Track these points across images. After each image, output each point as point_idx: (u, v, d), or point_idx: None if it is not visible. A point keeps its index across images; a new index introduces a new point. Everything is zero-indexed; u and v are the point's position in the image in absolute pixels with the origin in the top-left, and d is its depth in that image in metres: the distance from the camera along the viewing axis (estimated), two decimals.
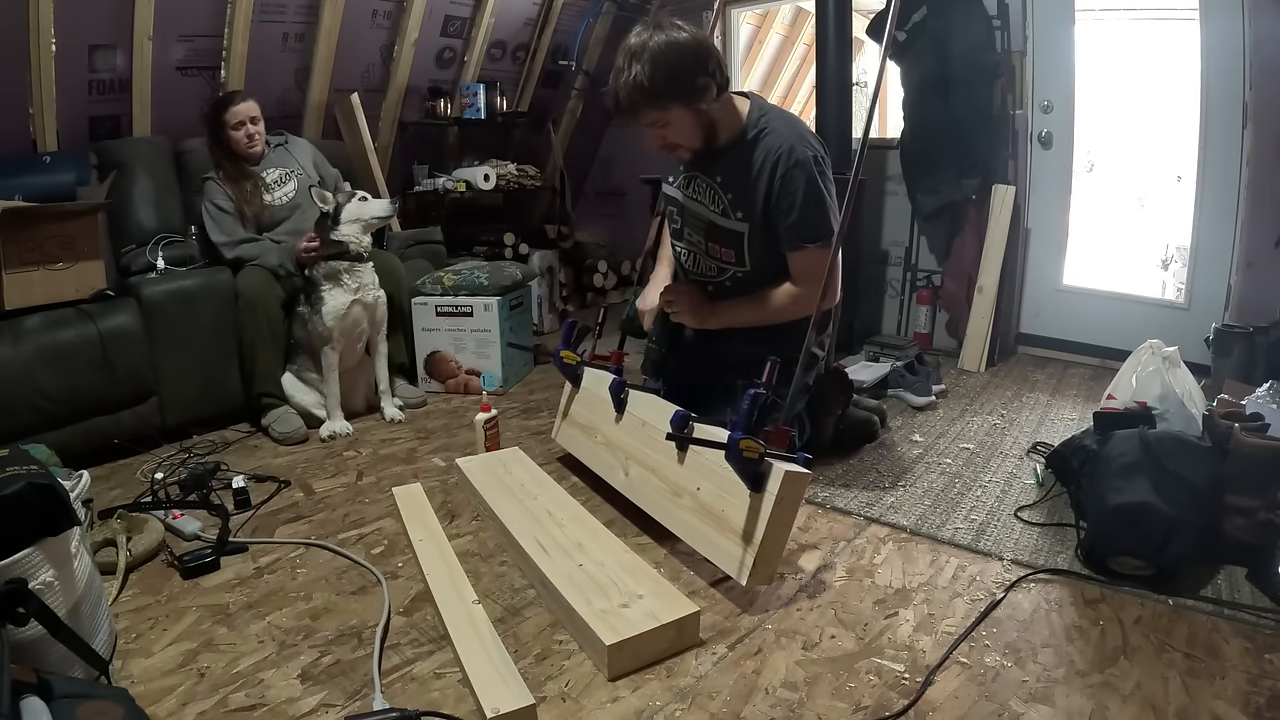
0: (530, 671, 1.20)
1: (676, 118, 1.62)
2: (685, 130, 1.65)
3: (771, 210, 1.69)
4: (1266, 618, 1.30)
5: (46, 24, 2.30)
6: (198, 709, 1.14)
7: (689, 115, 1.62)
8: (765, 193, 1.68)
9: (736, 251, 1.77)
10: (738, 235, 1.75)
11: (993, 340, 2.98)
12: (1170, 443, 1.52)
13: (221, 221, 2.41)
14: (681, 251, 1.91)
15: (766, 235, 1.73)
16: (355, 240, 2.28)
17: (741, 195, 1.71)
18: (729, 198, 1.73)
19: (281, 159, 2.58)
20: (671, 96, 1.57)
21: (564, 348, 1.97)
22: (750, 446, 1.31)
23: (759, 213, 1.70)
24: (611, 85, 1.62)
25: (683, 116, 1.62)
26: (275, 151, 2.58)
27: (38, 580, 1.07)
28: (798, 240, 1.69)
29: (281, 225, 2.51)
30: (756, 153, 1.68)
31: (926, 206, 3.09)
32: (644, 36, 1.56)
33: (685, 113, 1.61)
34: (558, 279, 3.84)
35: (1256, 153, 2.49)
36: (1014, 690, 1.15)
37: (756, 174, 1.68)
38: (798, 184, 1.64)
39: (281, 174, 2.56)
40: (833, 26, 2.87)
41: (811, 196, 1.66)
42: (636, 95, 1.56)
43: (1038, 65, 2.94)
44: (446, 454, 2.16)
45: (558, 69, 4.07)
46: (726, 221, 1.75)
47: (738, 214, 1.73)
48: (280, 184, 2.54)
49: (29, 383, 1.91)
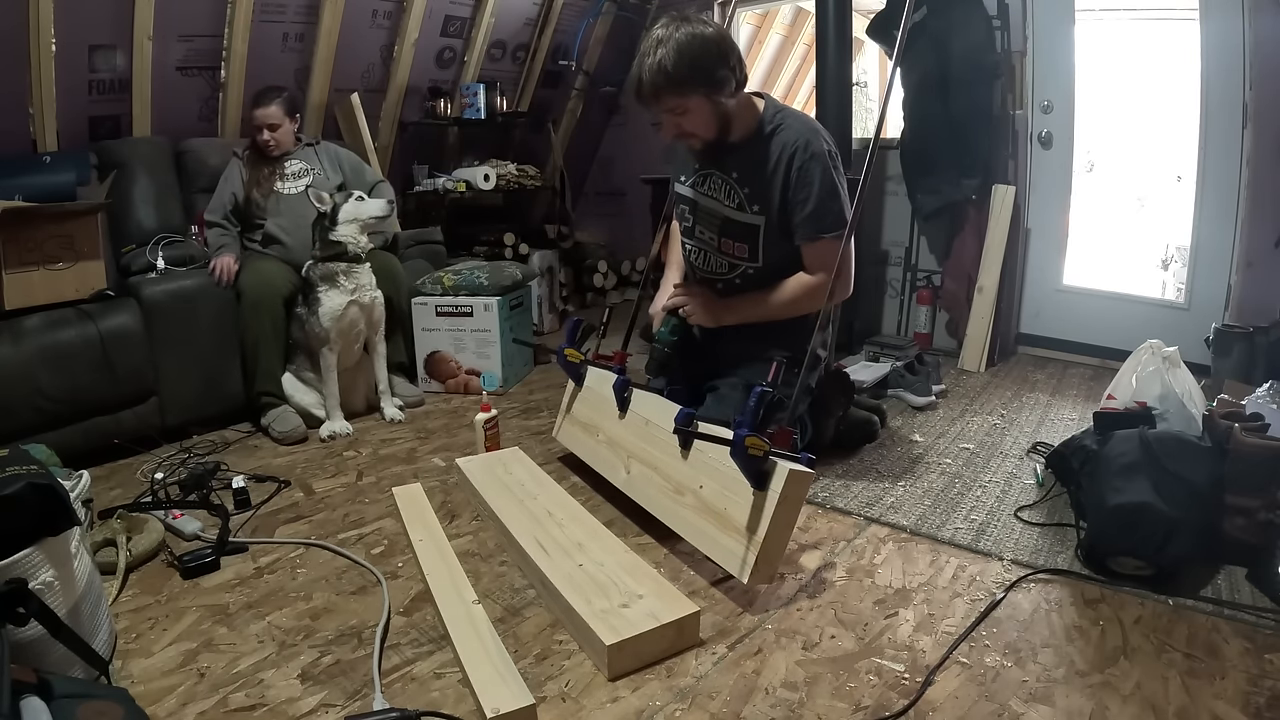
0: (530, 671, 1.20)
1: (695, 106, 1.65)
2: (702, 120, 1.68)
3: (788, 202, 1.72)
4: (1266, 618, 1.30)
5: (46, 24, 2.30)
6: (198, 709, 1.14)
7: (707, 105, 1.66)
8: (782, 185, 1.71)
9: (750, 246, 1.79)
10: (753, 229, 1.77)
11: (993, 340, 2.98)
12: (1170, 443, 1.52)
13: (219, 195, 2.52)
14: (691, 250, 1.93)
15: (782, 229, 1.75)
16: (353, 241, 2.28)
17: (758, 189, 1.74)
18: (745, 191, 1.76)
19: (308, 156, 2.65)
20: (692, 85, 1.61)
21: (568, 346, 1.97)
22: (755, 444, 1.32)
23: (775, 206, 1.73)
24: (635, 70, 1.67)
25: (701, 106, 1.65)
26: (304, 150, 2.65)
27: (38, 580, 1.07)
28: (814, 231, 1.71)
29: (285, 215, 2.54)
30: (773, 147, 1.72)
31: (926, 206, 3.09)
32: (670, 27, 1.61)
33: (704, 102, 1.65)
34: (558, 279, 3.84)
35: (1256, 153, 2.50)
36: (1014, 690, 1.15)
37: (773, 168, 1.72)
38: (814, 175, 1.68)
39: (303, 168, 2.61)
40: (833, 26, 2.87)
41: (828, 188, 1.69)
42: (660, 79, 1.60)
43: (1038, 65, 2.95)
44: (446, 454, 2.16)
45: (558, 69, 4.07)
46: (742, 215, 1.78)
47: (754, 207, 1.76)
48: (298, 176, 2.59)
49: (29, 383, 1.91)
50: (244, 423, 2.39)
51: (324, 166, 2.65)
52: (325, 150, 2.71)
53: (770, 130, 1.74)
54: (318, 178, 2.61)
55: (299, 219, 2.48)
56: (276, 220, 2.52)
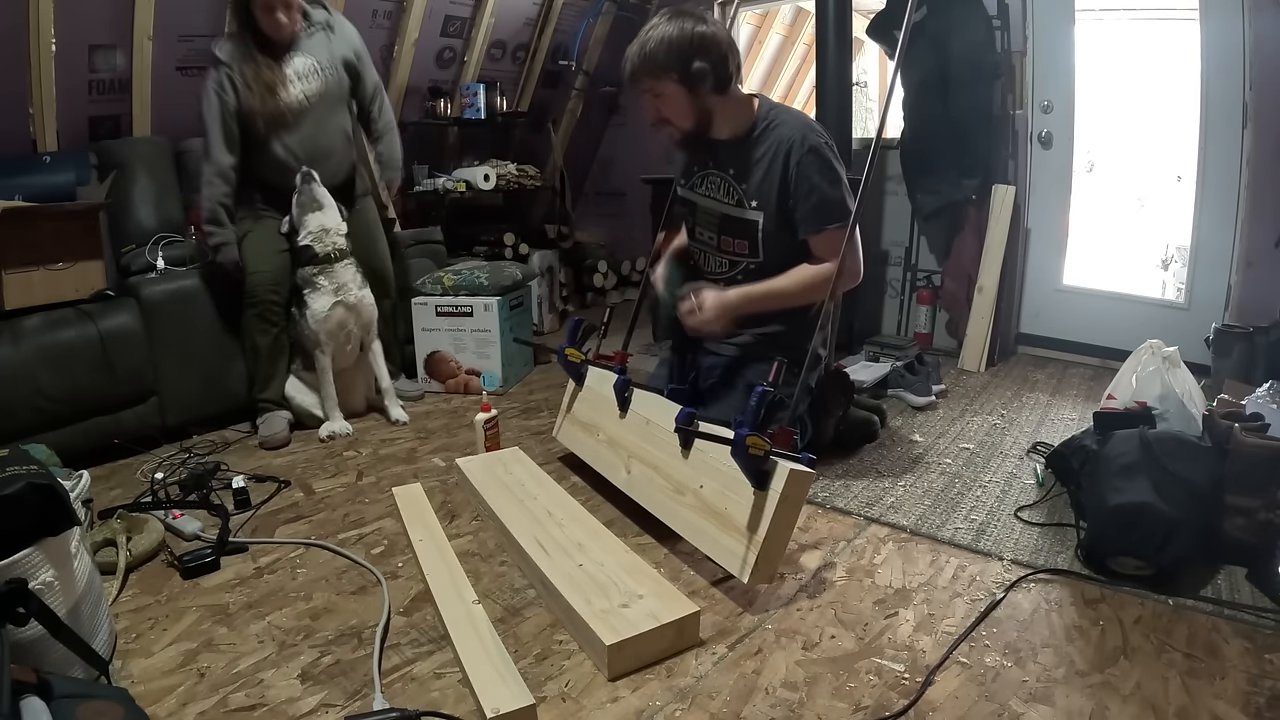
0: (530, 671, 1.20)
1: (670, 92, 1.71)
2: (677, 108, 1.73)
3: (790, 197, 1.73)
4: (1266, 618, 1.30)
5: (46, 24, 2.30)
6: (198, 709, 1.14)
7: (683, 94, 1.71)
8: (781, 180, 1.73)
9: (750, 242, 1.80)
10: (752, 225, 1.78)
11: (993, 340, 2.98)
12: (1170, 443, 1.52)
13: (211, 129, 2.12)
14: (693, 252, 1.94)
15: (781, 224, 1.76)
16: (320, 243, 2.23)
17: (755, 185, 1.76)
18: (743, 188, 1.78)
19: (316, 47, 2.21)
20: (666, 72, 1.68)
21: (569, 345, 1.97)
22: (756, 443, 1.32)
23: (774, 201, 1.75)
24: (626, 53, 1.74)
25: (676, 93, 1.71)
26: (312, 39, 2.21)
27: (38, 580, 1.07)
28: (820, 223, 1.73)
29: (295, 132, 2.19)
30: (768, 143, 1.74)
31: (926, 206, 3.09)
32: (663, 18, 1.71)
33: (679, 91, 1.71)
34: (558, 279, 3.84)
35: (1256, 153, 2.50)
36: (1014, 690, 1.15)
37: (770, 163, 1.73)
38: (814, 169, 1.70)
39: (310, 65, 2.19)
40: (833, 26, 2.86)
41: (829, 180, 1.71)
42: (637, 61, 1.70)
43: (1038, 65, 2.95)
44: (446, 454, 2.16)
45: (558, 69, 4.07)
46: (740, 211, 1.79)
47: (752, 203, 1.77)
48: (303, 78, 2.17)
49: (29, 383, 1.91)
50: (244, 423, 2.38)
51: (335, 65, 2.22)
52: (340, 35, 2.26)
53: (765, 127, 1.76)
54: (330, 79, 2.20)
55: (309, 133, 2.16)
56: (284, 140, 2.15)
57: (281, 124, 2.17)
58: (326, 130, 2.28)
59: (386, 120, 2.48)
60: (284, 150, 2.21)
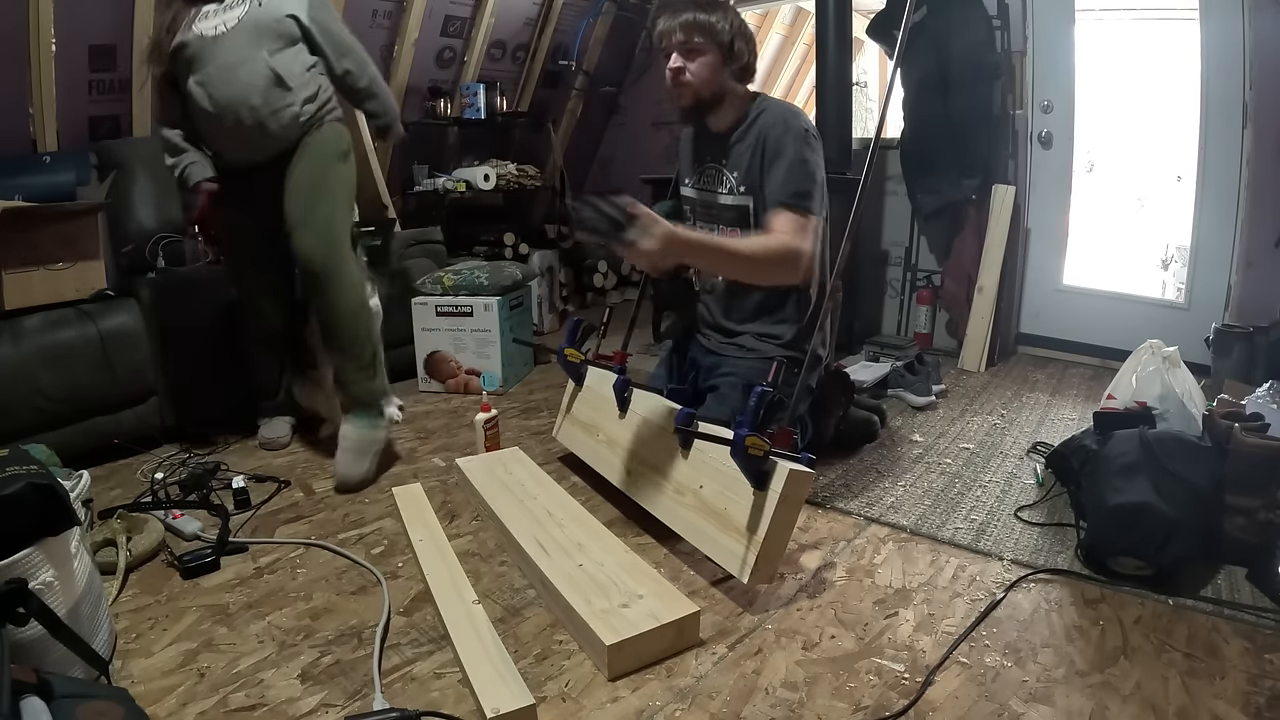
0: (530, 671, 1.20)
1: (707, 54, 1.71)
2: (705, 74, 1.73)
3: (763, 174, 1.74)
4: (1266, 618, 1.30)
5: (46, 24, 2.30)
6: (198, 709, 1.14)
7: (716, 65, 1.72)
8: (760, 159, 1.74)
9: (742, 229, 1.80)
10: (743, 210, 1.80)
11: (993, 340, 2.98)
12: (1170, 443, 1.52)
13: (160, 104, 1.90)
14: None
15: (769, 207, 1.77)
16: None
17: (744, 172, 1.78)
18: (735, 176, 1.80)
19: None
20: (716, 35, 1.70)
21: (568, 345, 1.97)
22: (756, 443, 1.32)
23: (759, 185, 1.76)
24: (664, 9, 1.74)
25: (711, 61, 1.72)
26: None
27: (38, 580, 1.07)
28: (775, 199, 1.69)
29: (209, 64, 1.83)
30: (756, 129, 1.77)
31: (926, 206, 3.09)
32: None
33: (715, 60, 1.72)
34: (558, 279, 3.84)
35: (1256, 153, 2.50)
36: (1014, 690, 1.15)
37: (754, 147, 1.75)
38: (785, 145, 1.71)
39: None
40: (833, 26, 2.87)
41: (796, 158, 1.70)
42: (691, 17, 1.68)
43: (1038, 65, 2.95)
44: (446, 454, 2.15)
45: (558, 69, 4.07)
46: (732, 199, 1.81)
47: (741, 189, 1.79)
48: (225, 9, 1.85)
49: (29, 383, 1.91)
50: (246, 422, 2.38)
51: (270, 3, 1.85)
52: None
53: (755, 116, 1.78)
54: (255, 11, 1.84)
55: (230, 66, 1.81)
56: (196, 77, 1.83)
57: (195, 61, 1.85)
58: (248, 63, 1.83)
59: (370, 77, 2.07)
60: (198, 89, 1.85)
